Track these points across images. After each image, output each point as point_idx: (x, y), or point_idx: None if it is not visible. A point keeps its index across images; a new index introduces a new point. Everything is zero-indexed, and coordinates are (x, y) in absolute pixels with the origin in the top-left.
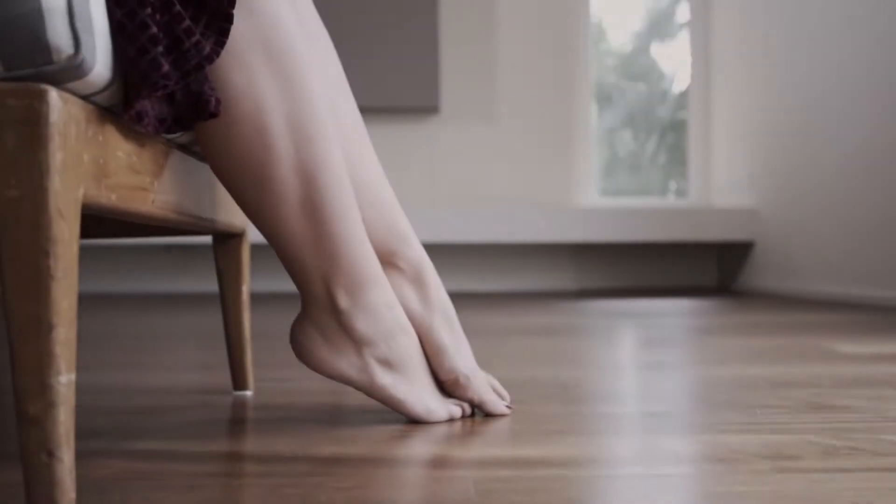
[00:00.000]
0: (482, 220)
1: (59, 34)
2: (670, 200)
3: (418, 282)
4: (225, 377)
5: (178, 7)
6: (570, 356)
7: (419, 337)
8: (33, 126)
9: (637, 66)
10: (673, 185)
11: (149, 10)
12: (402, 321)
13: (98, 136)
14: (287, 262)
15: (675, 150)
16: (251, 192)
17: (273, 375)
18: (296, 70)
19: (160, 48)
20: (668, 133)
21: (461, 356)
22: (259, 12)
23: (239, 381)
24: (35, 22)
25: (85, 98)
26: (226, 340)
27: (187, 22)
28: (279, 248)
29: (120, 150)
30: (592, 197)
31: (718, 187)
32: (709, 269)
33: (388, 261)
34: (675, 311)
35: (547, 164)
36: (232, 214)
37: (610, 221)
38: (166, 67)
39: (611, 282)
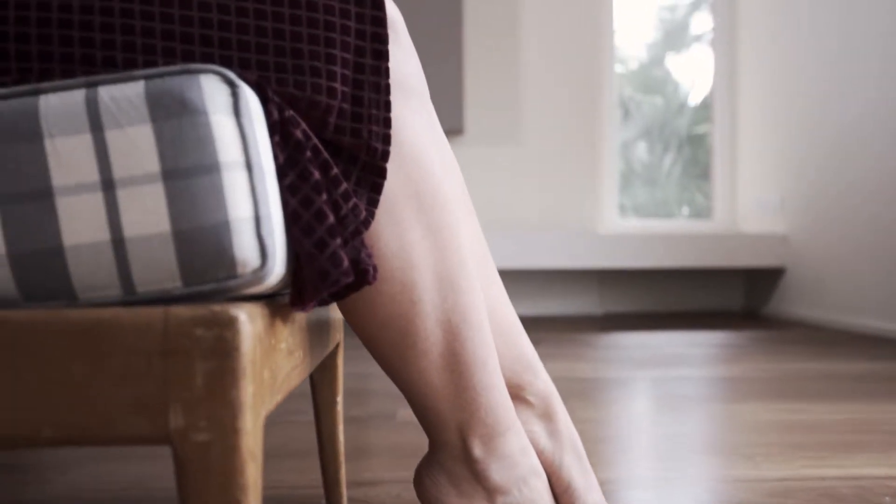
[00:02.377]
0: (507, 245)
1: (245, 247)
2: (697, 224)
3: (547, 416)
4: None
5: (335, 170)
6: (593, 437)
7: (548, 474)
8: (224, 359)
9: (652, 78)
10: (697, 198)
11: (325, 197)
12: (534, 464)
13: (271, 340)
14: (420, 410)
15: (692, 164)
16: (391, 346)
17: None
18: (445, 218)
19: (339, 240)
20: (685, 146)
21: (591, 493)
22: (409, 159)
23: (333, 499)
24: (220, 235)
25: (255, 298)
26: (319, 455)
27: (345, 185)
28: (414, 399)
29: (283, 341)
30: (616, 220)
31: (745, 210)
32: (735, 294)
33: (516, 394)
34: (706, 358)
35: (571, 186)
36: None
37: (636, 247)
38: (346, 262)
39: (637, 306)
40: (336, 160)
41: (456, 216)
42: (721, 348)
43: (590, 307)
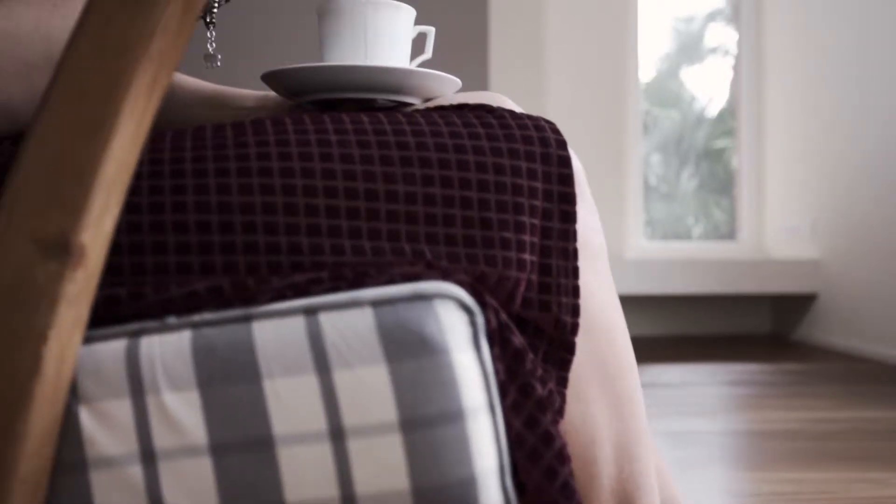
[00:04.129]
0: None
1: (491, 499)
2: (723, 247)
3: None
4: None
5: (530, 359)
6: None
7: None
8: None
9: (667, 91)
10: (715, 214)
11: (549, 416)
12: None
13: None
14: None
15: (710, 179)
16: None
17: None
18: (627, 386)
19: (568, 468)
20: (703, 161)
21: None
22: (596, 328)
23: None
24: (466, 491)
25: None
26: None
27: (539, 370)
28: None
29: None
30: (642, 242)
31: (773, 232)
32: (763, 319)
33: None
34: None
35: (598, 207)
36: None
37: (663, 273)
38: (578, 493)
39: (659, 330)
40: (521, 334)
41: (636, 380)
42: (747, 386)
43: None
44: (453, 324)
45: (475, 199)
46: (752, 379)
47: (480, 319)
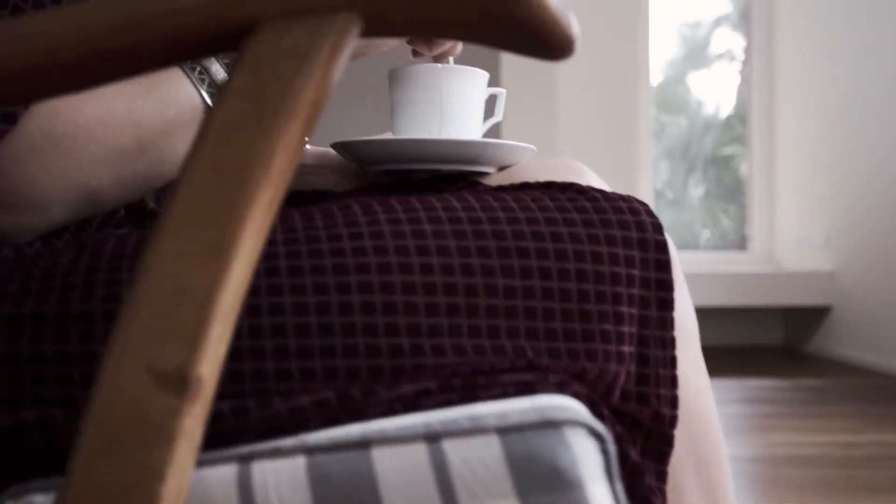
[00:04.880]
0: None
1: None
2: (735, 258)
3: None
4: None
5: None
6: None
7: None
8: None
9: (674, 96)
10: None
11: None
12: None
13: None
14: None
15: (717, 186)
16: None
17: None
18: (721, 474)
19: None
20: (710, 168)
21: None
22: (692, 417)
23: None
24: None
25: None
26: None
27: (654, 484)
28: None
29: None
30: None
31: (785, 243)
32: (775, 330)
33: None
34: (739, 421)
35: None
36: None
37: None
38: None
39: None
40: (626, 430)
41: (727, 465)
42: (762, 405)
43: None
44: (586, 454)
45: (574, 291)
46: (766, 396)
47: (612, 448)
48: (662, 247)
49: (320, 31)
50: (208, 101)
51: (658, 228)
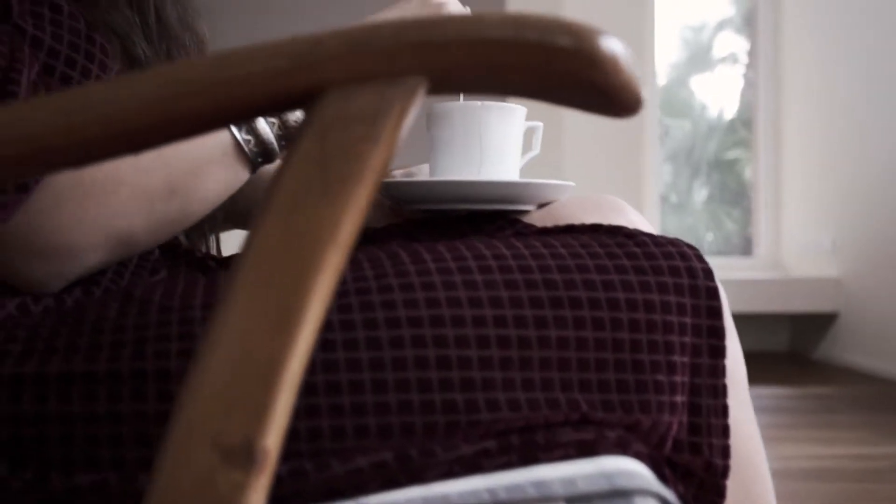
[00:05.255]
0: None
1: None
2: (741, 263)
3: None
4: None
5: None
6: None
7: None
8: None
9: (677, 100)
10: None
11: None
12: None
13: None
14: None
15: (722, 189)
16: None
17: None
18: None
19: None
20: (714, 171)
21: None
22: (743, 464)
23: None
24: None
25: None
26: None
27: None
28: None
29: None
30: None
31: (791, 250)
32: (781, 336)
33: None
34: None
35: None
36: None
37: None
38: None
39: None
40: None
41: None
42: (770, 414)
43: None
44: None
45: (627, 341)
46: (774, 405)
47: None
48: (714, 293)
49: (388, 94)
50: (238, 137)
51: (709, 274)
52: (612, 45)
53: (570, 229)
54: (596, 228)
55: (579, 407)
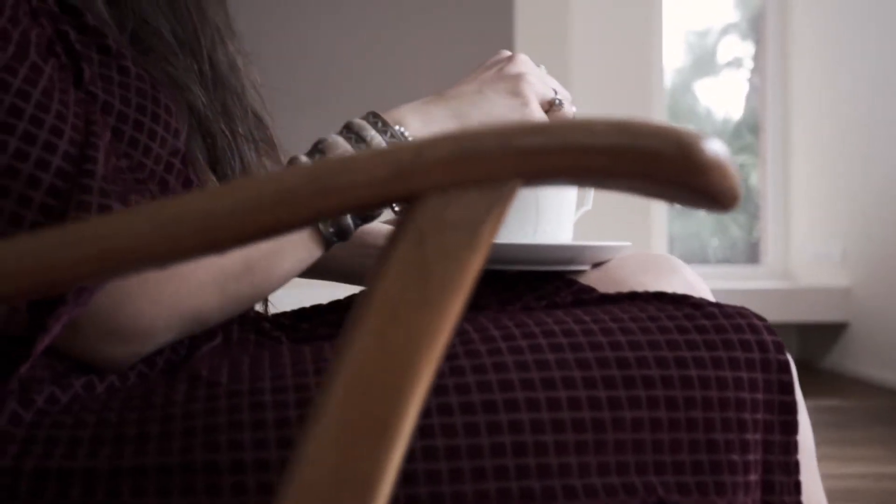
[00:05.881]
0: None
1: None
2: (750, 273)
3: None
4: None
5: None
6: None
7: None
8: None
9: (680, 105)
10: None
11: None
12: None
13: None
14: None
15: None
16: None
17: None
18: None
19: None
20: None
21: None
22: None
23: None
24: None
25: None
26: None
27: None
28: None
29: None
30: None
31: (800, 259)
32: (789, 345)
33: None
34: None
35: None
36: None
37: None
38: None
39: None
40: None
41: None
42: None
43: None
44: None
45: (701, 420)
46: None
47: None
48: (785, 367)
49: (488, 199)
50: None
51: (779, 347)
52: (717, 149)
53: (634, 296)
54: (660, 296)
55: (655, 490)
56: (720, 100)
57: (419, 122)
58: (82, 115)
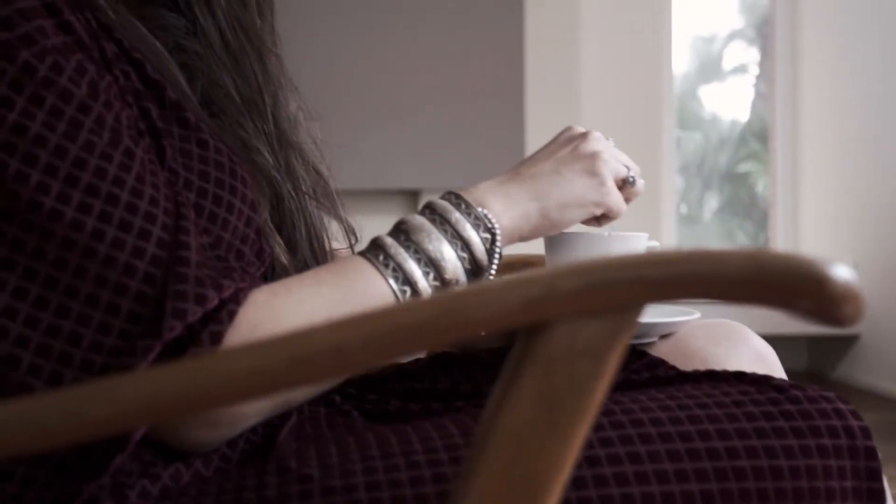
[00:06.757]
0: None
1: None
2: None
3: None
4: None
5: None
6: None
7: None
8: None
9: (686, 111)
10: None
11: None
12: None
13: None
14: None
15: (733, 201)
16: None
17: None
18: None
19: None
20: (726, 184)
21: None
22: None
23: None
24: None
25: None
26: None
27: None
28: None
29: None
30: None
31: None
32: (799, 356)
33: None
34: None
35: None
36: None
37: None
38: None
39: None
40: None
41: None
42: None
43: None
44: None
45: (789, 488)
46: None
47: None
48: (873, 453)
49: (615, 327)
50: (400, 298)
51: (866, 433)
52: (847, 278)
53: (713, 375)
54: (740, 377)
55: None
56: (725, 105)
57: (500, 205)
58: (172, 198)
